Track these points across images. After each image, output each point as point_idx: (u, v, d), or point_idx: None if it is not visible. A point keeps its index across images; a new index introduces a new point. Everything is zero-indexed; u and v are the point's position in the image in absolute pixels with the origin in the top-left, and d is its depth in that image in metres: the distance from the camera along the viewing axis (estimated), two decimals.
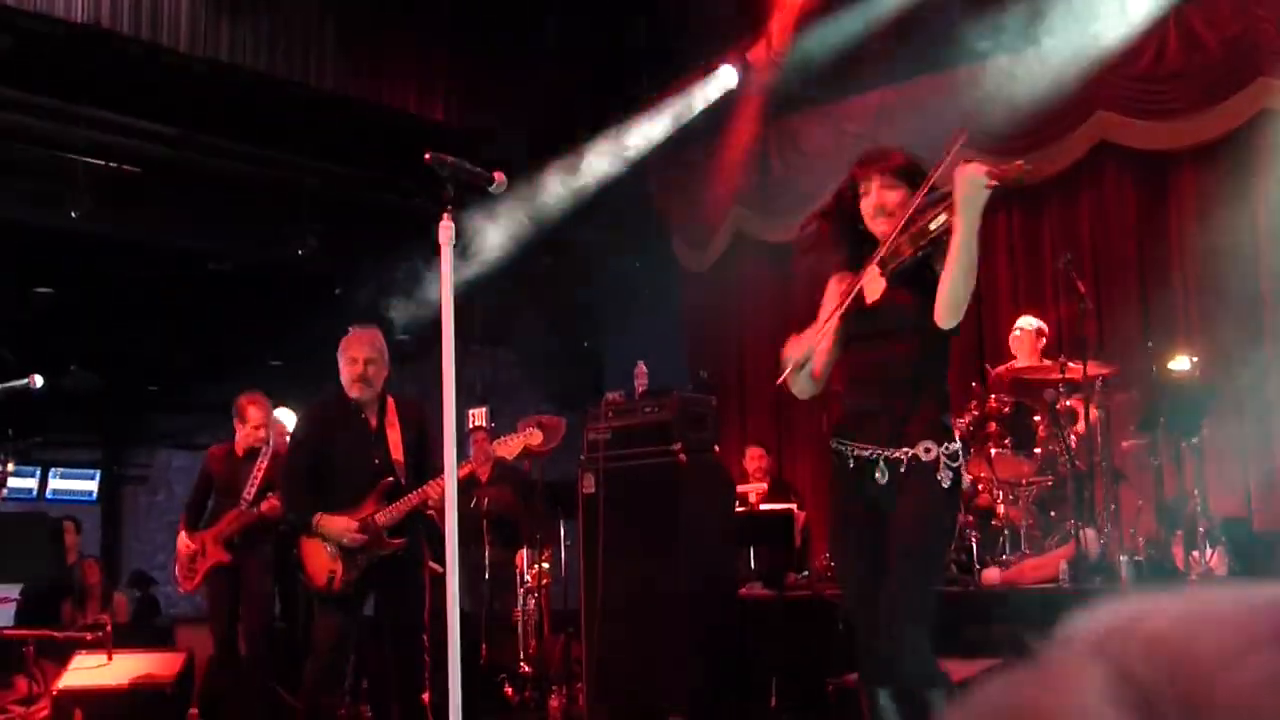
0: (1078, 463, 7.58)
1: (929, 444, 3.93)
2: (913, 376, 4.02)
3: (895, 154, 4.19)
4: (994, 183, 3.75)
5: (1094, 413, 7.63)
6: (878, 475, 3.97)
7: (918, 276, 4.03)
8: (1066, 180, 9.53)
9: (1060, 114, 9.22)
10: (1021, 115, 9.09)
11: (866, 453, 4.01)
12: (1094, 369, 7.55)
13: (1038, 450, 7.78)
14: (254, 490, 7.72)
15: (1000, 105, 9.24)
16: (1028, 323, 8.34)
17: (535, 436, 6.15)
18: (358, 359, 5.98)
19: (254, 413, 7.87)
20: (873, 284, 4.10)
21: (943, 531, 4.11)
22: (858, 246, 4.21)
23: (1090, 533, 7.30)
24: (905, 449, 3.95)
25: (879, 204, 4.09)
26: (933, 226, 3.93)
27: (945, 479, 3.93)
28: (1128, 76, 9.06)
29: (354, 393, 5.98)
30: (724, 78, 10.52)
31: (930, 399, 4.02)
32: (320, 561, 5.87)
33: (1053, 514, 7.85)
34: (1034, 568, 7.39)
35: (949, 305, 3.89)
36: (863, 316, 4.09)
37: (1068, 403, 7.80)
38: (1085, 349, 7.57)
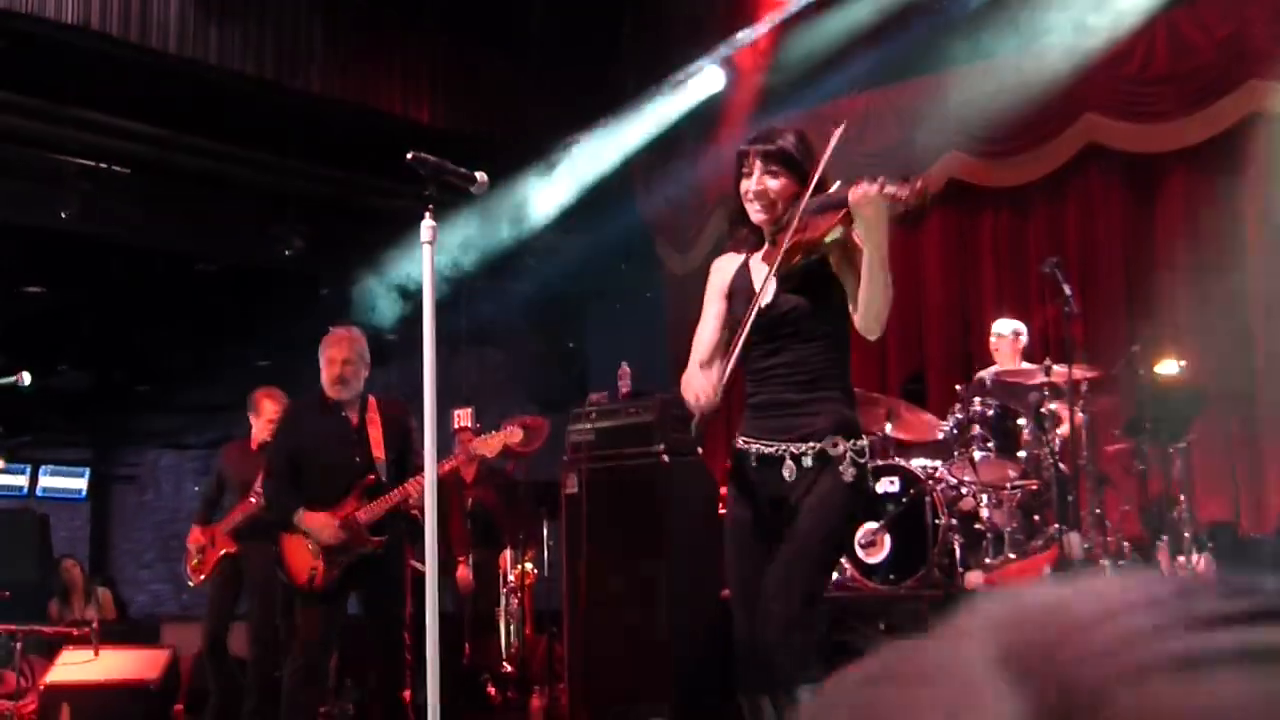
0: (1062, 466, 7.59)
1: (836, 439, 3.88)
2: (817, 373, 3.95)
3: (782, 135, 4.05)
4: (896, 203, 3.67)
5: (1078, 416, 7.63)
6: (784, 472, 3.90)
7: (816, 281, 3.95)
8: (1053, 183, 9.54)
9: (1048, 116, 9.23)
10: (1009, 117, 9.11)
11: (772, 449, 3.94)
12: (1079, 372, 7.55)
13: (1022, 454, 7.79)
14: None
15: (987, 108, 9.27)
16: (1004, 326, 8.33)
17: (515, 435, 6.17)
18: (335, 359, 6.01)
19: (268, 405, 7.95)
20: (762, 280, 3.99)
21: (839, 522, 3.98)
22: (740, 228, 4.17)
23: (1074, 537, 7.30)
24: (812, 444, 3.89)
25: (759, 189, 3.98)
26: (827, 239, 3.84)
27: (849, 474, 3.86)
28: (1116, 78, 9.07)
29: (332, 393, 6.01)
30: (710, 79, 10.51)
31: (836, 394, 3.97)
32: (302, 558, 5.90)
33: (1036, 518, 7.85)
34: (1018, 572, 7.40)
35: (870, 320, 3.84)
36: (760, 317, 3.95)
37: (1052, 406, 7.80)
38: (1071, 352, 7.58)
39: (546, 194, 10.04)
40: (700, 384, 3.91)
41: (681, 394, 4.01)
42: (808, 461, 3.88)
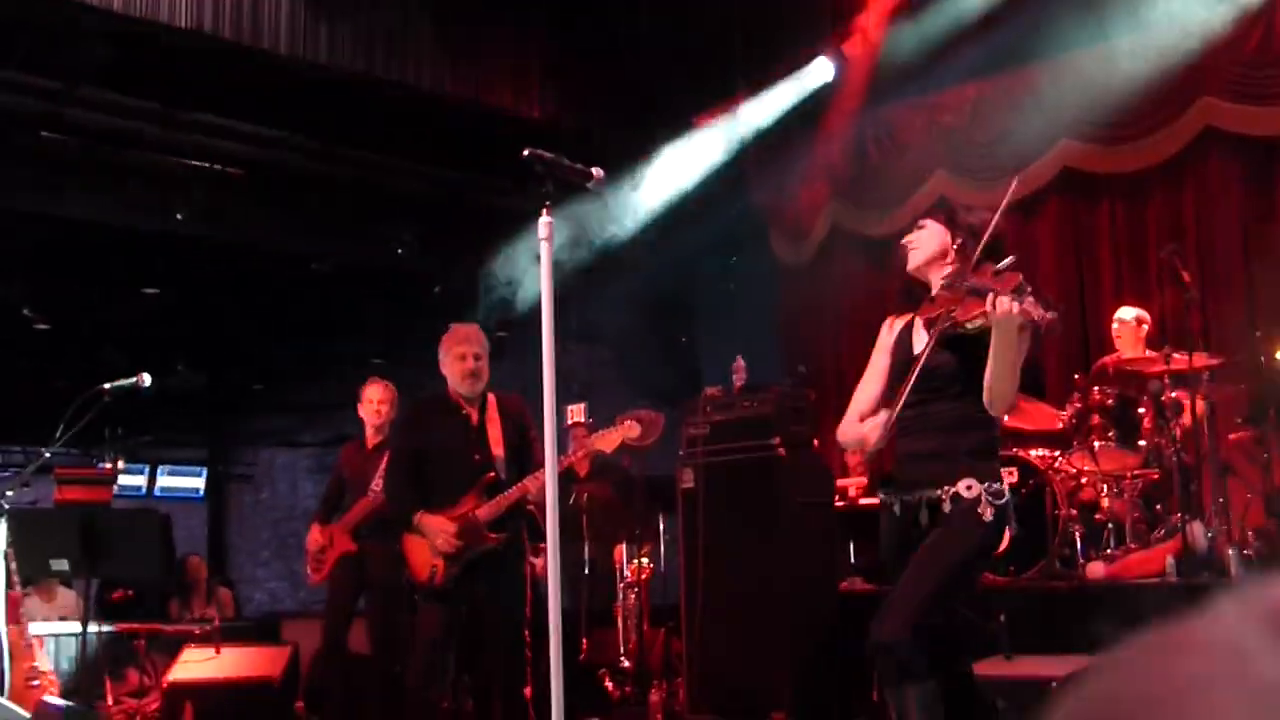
0: (1184, 455, 7.45)
1: (970, 481, 4.09)
2: (955, 424, 4.18)
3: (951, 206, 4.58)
4: (1028, 321, 3.92)
5: (1200, 404, 7.49)
6: (922, 517, 4.15)
7: (959, 341, 4.18)
8: (1170, 168, 9.34)
9: (1163, 101, 9.04)
10: (1123, 104, 8.94)
11: (911, 497, 4.20)
12: (1200, 360, 7.41)
13: (1143, 443, 7.66)
14: (382, 481, 7.88)
15: (1100, 95, 9.11)
16: (1127, 313, 8.22)
17: (634, 430, 6.15)
18: (467, 354, 6.04)
19: (370, 391, 8.04)
20: (919, 333, 4.34)
21: (967, 547, 4.13)
22: (908, 287, 4.48)
23: (1197, 526, 7.17)
24: (946, 488, 4.10)
25: (914, 235, 4.38)
26: (970, 326, 4.08)
27: (987, 513, 4.07)
28: (1233, 61, 8.86)
29: (464, 388, 6.03)
30: (819, 70, 10.43)
31: (972, 442, 4.18)
32: (422, 556, 5.94)
33: (1158, 508, 7.72)
34: (1140, 562, 7.28)
35: (993, 401, 4.10)
36: (909, 370, 4.23)
37: (1173, 394, 7.65)
38: (1191, 340, 7.43)
39: (657, 187, 10.02)
40: (865, 430, 4.27)
41: (838, 440, 4.56)
42: (944, 506, 4.11)
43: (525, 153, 3.88)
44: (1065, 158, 9.46)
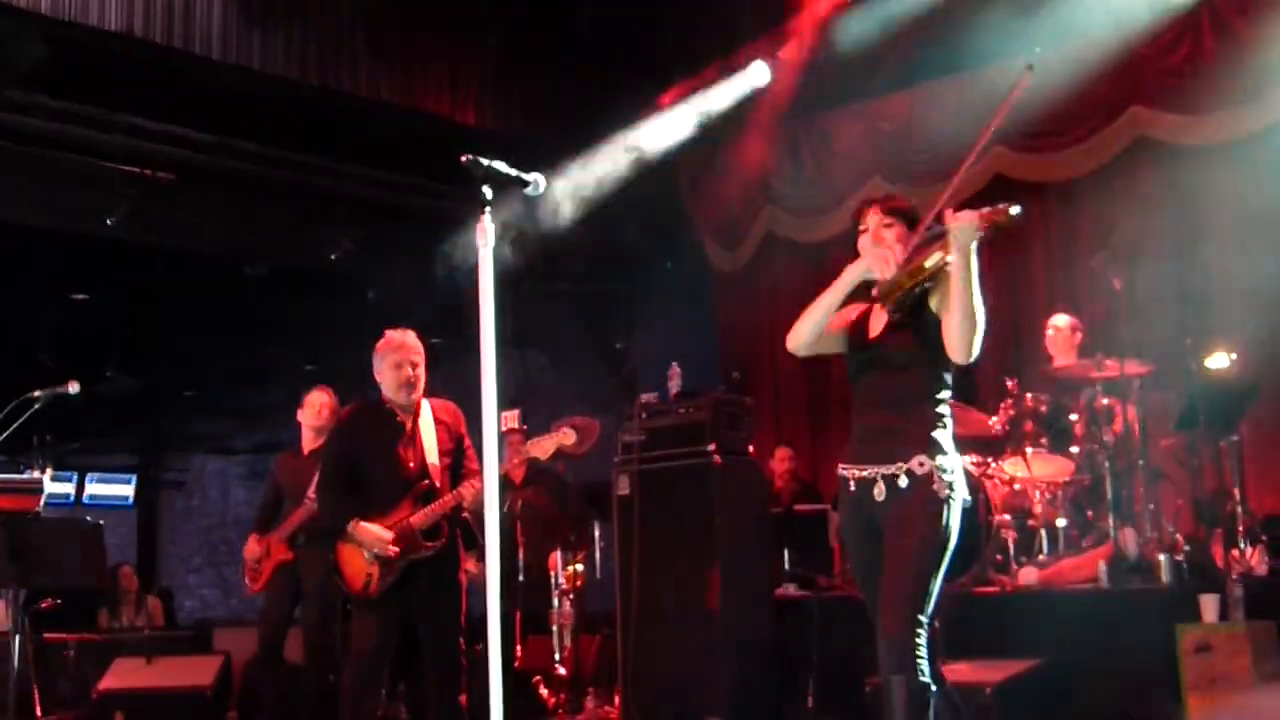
0: (1116, 462, 7.54)
1: (922, 458, 4.17)
2: (909, 400, 4.27)
3: (898, 197, 4.63)
4: (985, 226, 4.01)
5: (1131, 411, 7.58)
6: (875, 493, 4.24)
7: (916, 314, 4.28)
8: (1102, 176, 9.44)
9: (1094, 109, 9.15)
10: (1056, 111, 9.02)
11: (865, 473, 4.28)
12: (1131, 367, 7.50)
13: (1075, 449, 7.74)
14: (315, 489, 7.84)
15: (1031, 102, 9.19)
16: (1061, 320, 8.30)
17: (569, 436, 6.14)
18: (403, 363, 5.99)
19: (314, 397, 8.00)
20: (875, 318, 4.41)
21: (932, 531, 4.17)
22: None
23: (1129, 532, 7.26)
24: (899, 464, 4.19)
25: (875, 238, 4.39)
26: (928, 264, 4.17)
27: (941, 490, 4.15)
28: (1162, 70, 8.97)
29: (400, 397, 5.98)
30: (755, 73, 10.38)
31: (923, 417, 4.24)
32: (357, 565, 5.90)
33: (1090, 513, 7.79)
34: (1072, 568, 7.35)
35: (958, 343, 4.12)
36: (865, 350, 4.39)
37: (1105, 401, 7.74)
38: (1122, 347, 7.52)
39: (591, 193, 9.99)
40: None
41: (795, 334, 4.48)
42: (898, 481, 4.20)
43: (463, 158, 3.86)
44: (997, 164, 9.53)
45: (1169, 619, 6.31)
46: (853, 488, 4.34)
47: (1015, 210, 4.04)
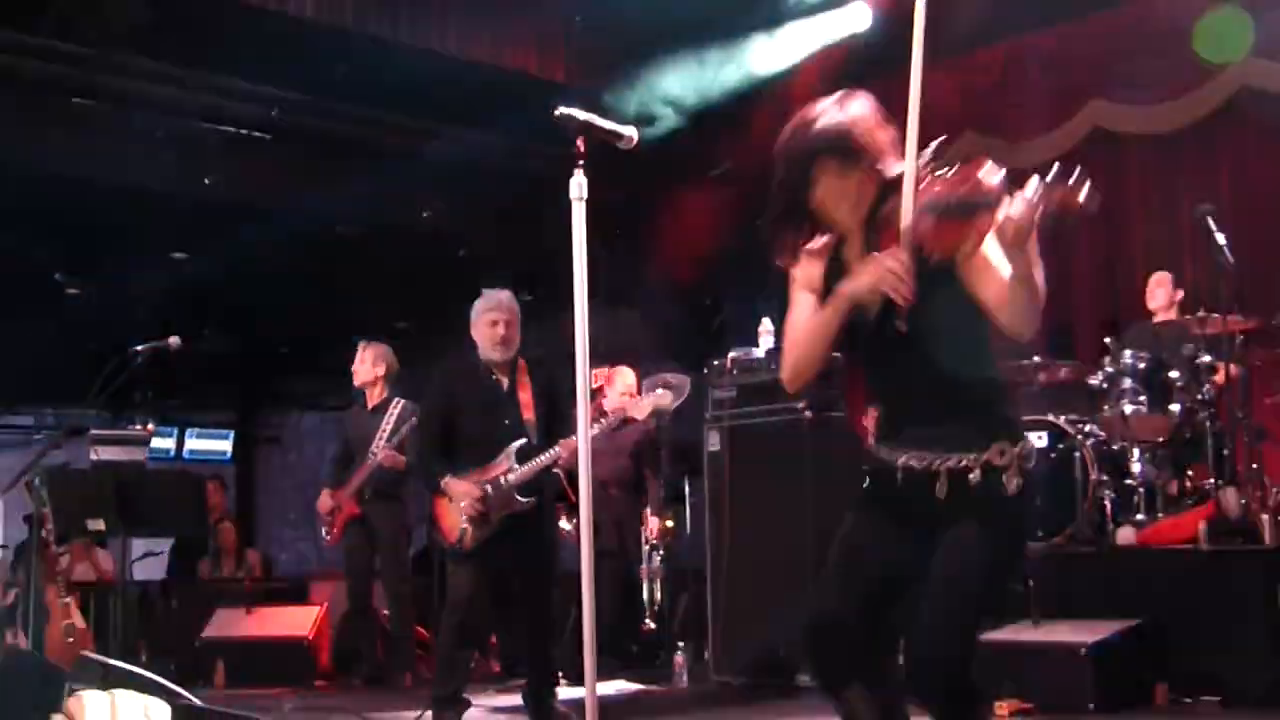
0: (1217, 419, 7.41)
1: (1003, 445, 3.25)
2: (965, 371, 3.33)
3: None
4: (1044, 219, 2.97)
5: (1234, 368, 7.44)
6: (936, 489, 3.28)
7: (936, 282, 3.22)
8: (1204, 128, 9.24)
9: (1197, 59, 8.95)
10: (1159, 64, 8.83)
11: (920, 464, 3.33)
12: (1234, 324, 7.36)
13: (1175, 407, 7.61)
14: (382, 442, 7.96)
15: (1130, 54, 9.03)
16: (1161, 276, 8.18)
17: (665, 398, 6.17)
18: (498, 321, 6.06)
19: (360, 354, 8.17)
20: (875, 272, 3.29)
21: (1004, 561, 3.43)
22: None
23: (1230, 492, 7.12)
24: (968, 455, 3.26)
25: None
26: (967, 247, 3.13)
27: (1013, 485, 3.24)
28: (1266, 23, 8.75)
29: (495, 354, 6.05)
30: (855, 16, 9.92)
31: (991, 391, 3.40)
32: (452, 520, 5.97)
33: (1190, 472, 7.67)
34: (1171, 528, 7.24)
35: (1015, 321, 3.20)
36: (885, 324, 3.31)
37: (1206, 358, 7.60)
38: (1224, 303, 7.37)
39: (679, 149, 9.91)
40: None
41: (792, 372, 3.64)
42: (973, 477, 3.26)
43: (557, 113, 3.85)
44: (1096, 117, 9.36)
45: (1270, 580, 6.21)
46: (900, 478, 3.37)
47: (1085, 194, 2.93)
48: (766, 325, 7.77)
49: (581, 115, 3.82)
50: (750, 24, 9.98)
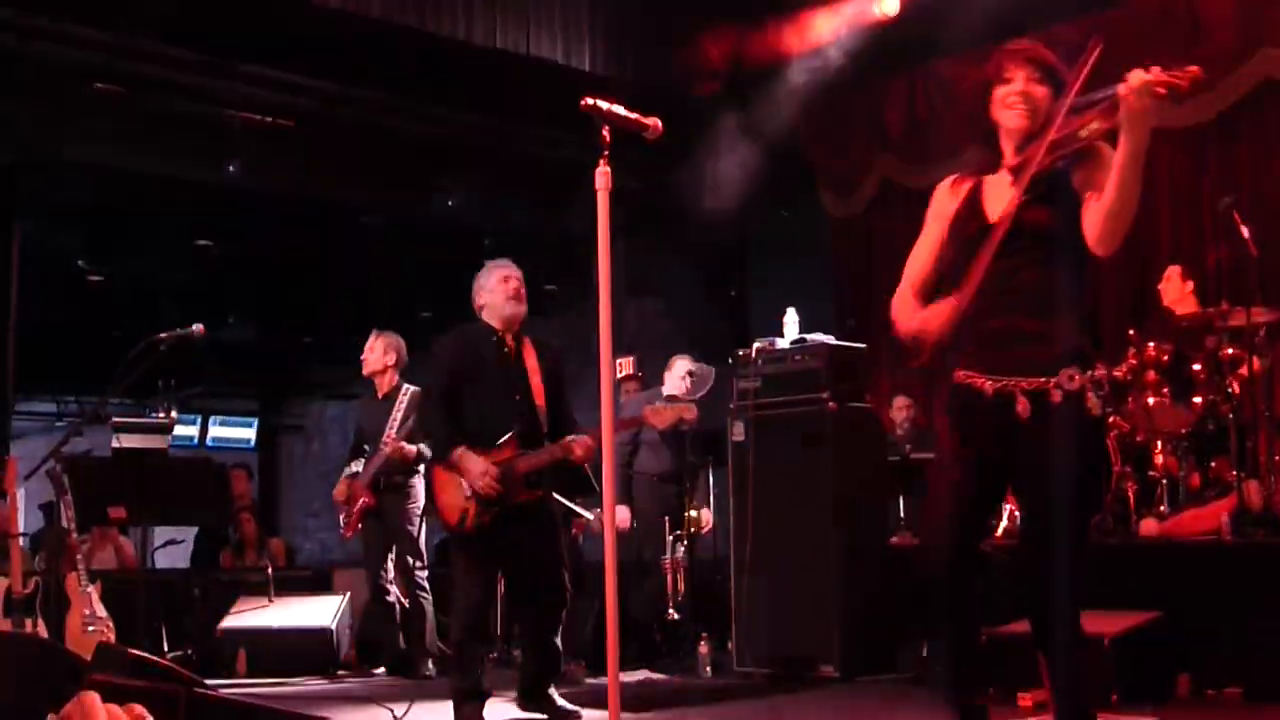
0: (1240, 412, 7.38)
1: (1073, 371, 3.57)
2: (1052, 298, 3.61)
3: (1040, 48, 3.79)
4: (1163, 91, 3.36)
5: (1257, 361, 7.40)
6: (1019, 409, 3.59)
7: (1055, 188, 3.63)
8: (1227, 121, 9.19)
9: (1221, 51, 8.90)
10: (1180, 58, 8.77)
11: (1002, 383, 3.63)
12: (1258, 315, 7.32)
13: (1198, 399, 7.58)
14: (392, 433, 7.99)
15: (1155, 47, 8.96)
16: (1170, 272, 8.15)
17: (691, 411, 6.14)
18: (511, 276, 5.97)
19: (371, 342, 8.26)
20: (999, 193, 3.72)
21: (1097, 475, 3.91)
22: (988, 148, 3.84)
23: (1253, 484, 7.09)
24: (1048, 377, 3.57)
25: (1025, 92, 3.68)
26: (1083, 133, 3.54)
27: (1096, 408, 3.58)
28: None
29: (509, 309, 5.92)
30: (885, 3, 9.78)
31: (1071, 322, 3.63)
32: (453, 498, 5.75)
33: (1213, 464, 7.64)
34: (1194, 520, 7.21)
35: (1108, 231, 3.55)
36: (984, 235, 3.65)
37: (1230, 350, 7.57)
38: (1249, 295, 7.34)
39: (707, 139, 9.90)
40: (926, 317, 3.81)
41: (894, 321, 3.96)
42: (1045, 398, 3.58)
43: (583, 103, 3.85)
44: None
45: None
46: (984, 398, 3.65)
47: (1199, 71, 3.38)
48: (790, 315, 7.77)
49: (606, 105, 3.83)
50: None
